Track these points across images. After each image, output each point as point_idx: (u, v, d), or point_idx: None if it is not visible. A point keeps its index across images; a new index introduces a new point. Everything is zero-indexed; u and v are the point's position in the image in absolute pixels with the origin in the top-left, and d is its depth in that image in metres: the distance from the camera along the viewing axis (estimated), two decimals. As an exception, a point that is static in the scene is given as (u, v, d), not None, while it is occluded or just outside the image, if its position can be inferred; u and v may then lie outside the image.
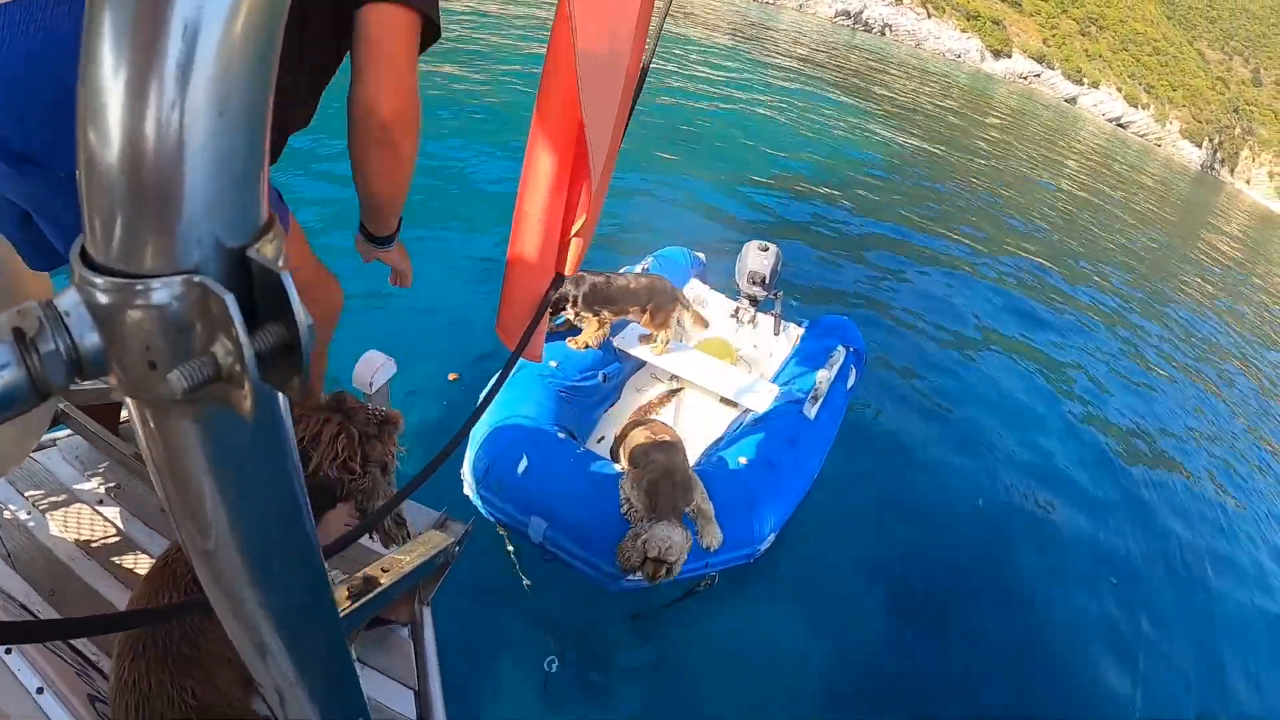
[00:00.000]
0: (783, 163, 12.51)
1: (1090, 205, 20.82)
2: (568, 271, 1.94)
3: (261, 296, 0.39)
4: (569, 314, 4.08)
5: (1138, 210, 24.38)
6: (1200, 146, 60.74)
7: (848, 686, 3.91)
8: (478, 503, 3.32)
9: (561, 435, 3.54)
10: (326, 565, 1.78)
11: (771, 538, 3.56)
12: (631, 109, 1.91)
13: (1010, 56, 57.28)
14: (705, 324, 4.77)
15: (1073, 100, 57.85)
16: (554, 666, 3.32)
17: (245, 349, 0.37)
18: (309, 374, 0.39)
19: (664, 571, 2.91)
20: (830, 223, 10.55)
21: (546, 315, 2.01)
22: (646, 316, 4.25)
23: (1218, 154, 62.13)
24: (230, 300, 0.36)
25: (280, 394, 0.44)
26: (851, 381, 4.62)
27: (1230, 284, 19.87)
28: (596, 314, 4.07)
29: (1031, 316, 10.06)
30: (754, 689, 3.68)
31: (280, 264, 0.39)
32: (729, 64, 20.75)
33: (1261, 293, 20.40)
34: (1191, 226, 29.31)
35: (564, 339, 4.17)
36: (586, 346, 4.12)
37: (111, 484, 2.43)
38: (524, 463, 3.28)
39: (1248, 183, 61.84)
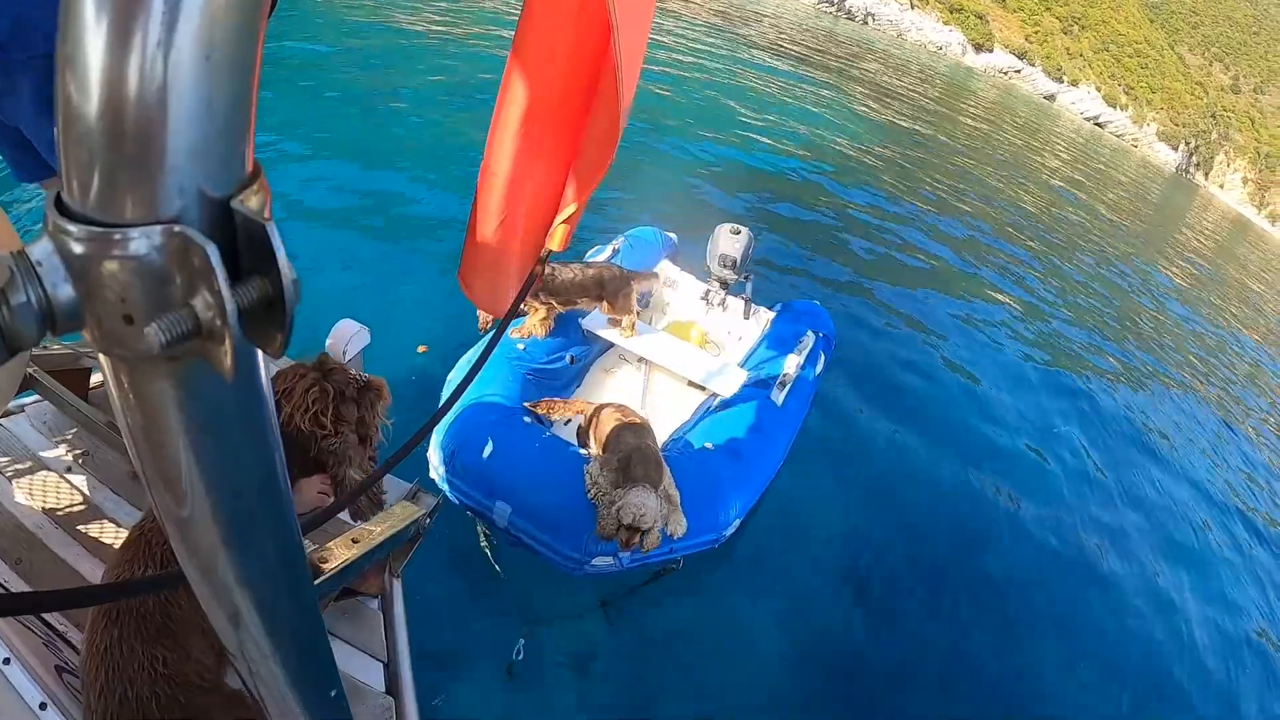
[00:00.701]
0: (759, 145, 12.51)
1: (1065, 199, 21.03)
2: (558, 247, 1.92)
3: (245, 249, 0.37)
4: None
5: (1112, 207, 24.67)
6: (1176, 149, 61.44)
7: (810, 670, 3.96)
8: (444, 487, 3.31)
9: (528, 419, 3.53)
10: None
11: (737, 523, 3.58)
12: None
13: (991, 51, 57.53)
14: (655, 278, 4.77)
15: (1051, 97, 58.23)
16: (521, 654, 3.33)
17: (227, 302, 0.35)
18: (291, 333, 0.38)
19: (638, 539, 2.91)
20: (804, 207, 10.57)
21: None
22: (605, 305, 4.24)
23: (1193, 158, 62.87)
24: (212, 250, 0.35)
25: (260, 354, 0.43)
26: (820, 367, 4.64)
27: (1198, 277, 20.30)
28: (544, 303, 4.05)
29: (1002, 307, 10.17)
30: (718, 674, 3.71)
31: (268, 216, 0.37)
32: (710, 45, 20.66)
33: (1225, 288, 20.87)
34: (1164, 225, 29.75)
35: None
36: (530, 335, 4.10)
37: (80, 451, 2.38)
38: (489, 447, 3.27)
39: (1221, 187, 62.72)
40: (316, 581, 1.74)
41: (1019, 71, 58.21)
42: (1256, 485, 8.73)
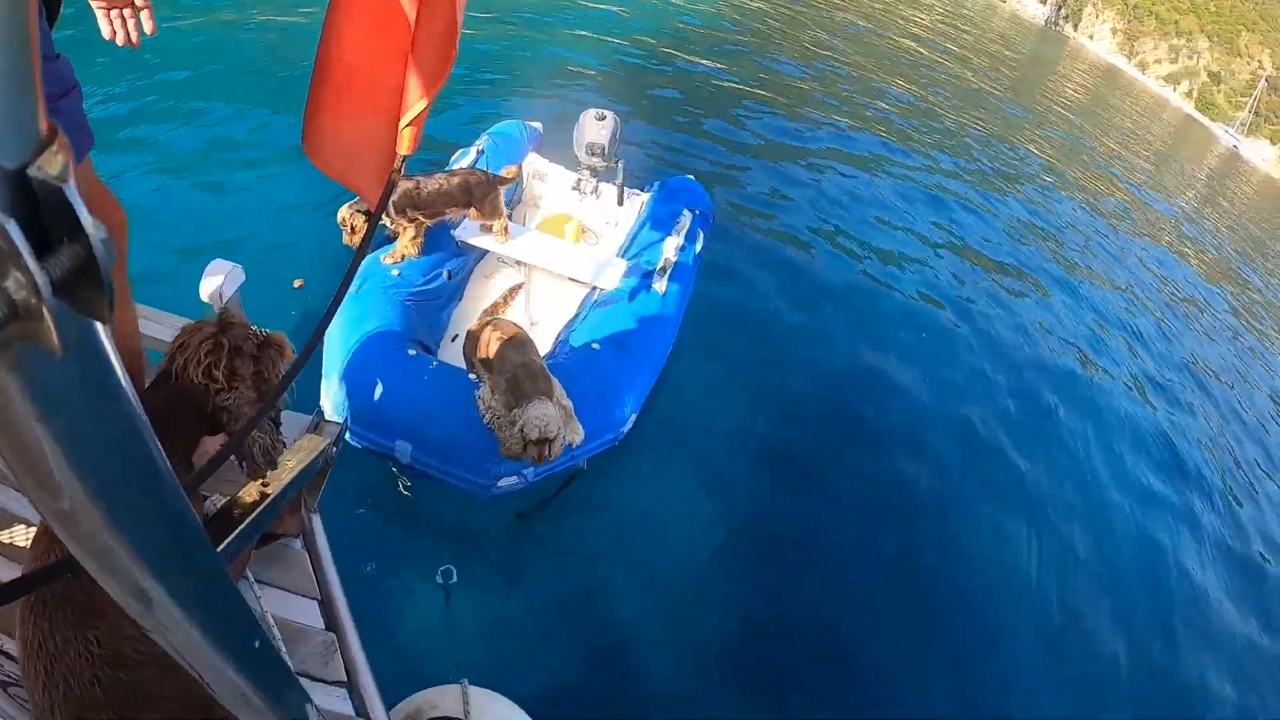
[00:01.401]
0: (613, 21, 12.06)
1: (936, 52, 21.26)
2: (408, 150, 1.88)
3: (50, 217, 0.35)
4: (385, 222, 3.96)
5: (983, 59, 25.08)
6: (1045, 3, 62.53)
7: (726, 543, 4.14)
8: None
9: (413, 351, 3.50)
10: (212, 491, 1.74)
11: (633, 418, 3.67)
12: None
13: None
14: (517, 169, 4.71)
15: (917, -44, 58.04)
16: (452, 578, 3.37)
17: (37, 277, 0.34)
18: (114, 294, 0.37)
19: (549, 450, 2.97)
20: (666, 79, 10.39)
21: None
22: (473, 211, 4.16)
23: (1062, 10, 64.18)
24: (12, 227, 0.33)
25: (96, 323, 0.41)
26: (700, 245, 4.68)
27: (1068, 125, 21.05)
28: (411, 220, 3.95)
29: (879, 160, 10.36)
30: (640, 562, 3.86)
31: (67, 178, 0.35)
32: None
33: (1092, 135, 21.73)
34: (1037, 74, 30.48)
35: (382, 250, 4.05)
36: (404, 257, 4.00)
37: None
38: (379, 386, 3.25)
39: (1091, 38, 64.45)
40: (235, 532, 1.72)
41: (886, -67, 57.59)
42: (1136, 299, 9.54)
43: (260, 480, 1.90)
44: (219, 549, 1.61)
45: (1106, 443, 6.39)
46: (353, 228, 3.85)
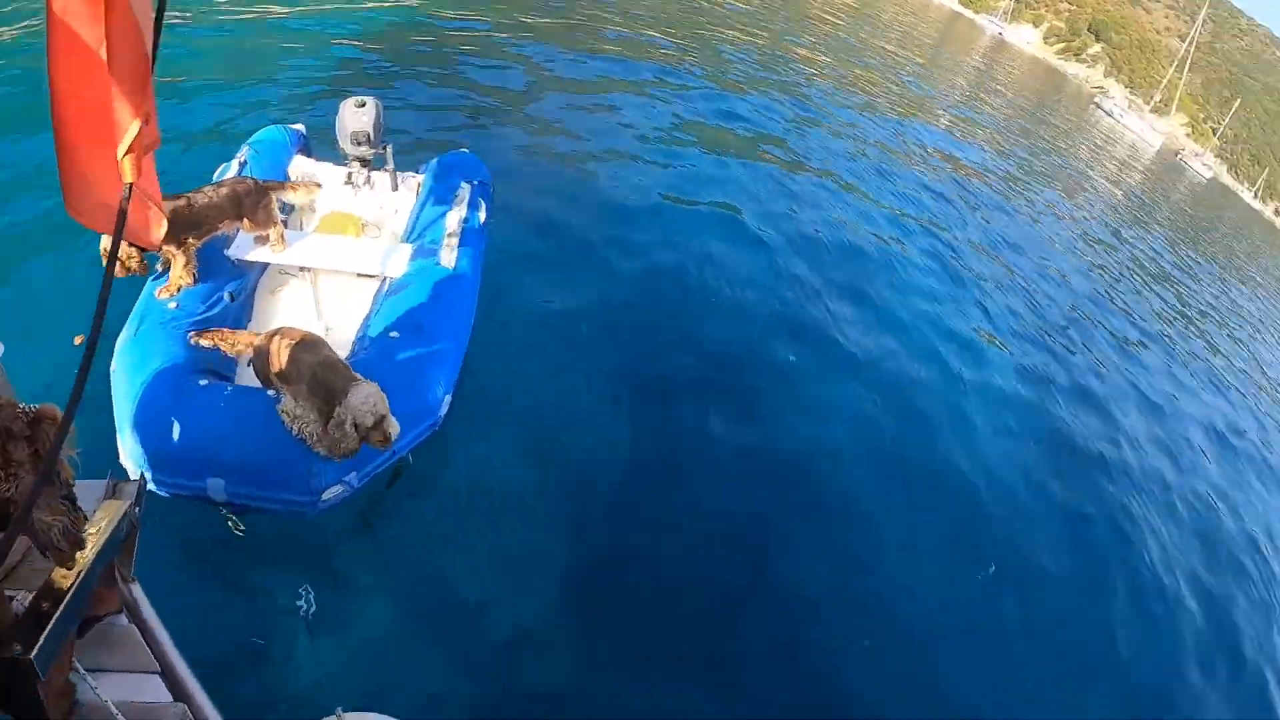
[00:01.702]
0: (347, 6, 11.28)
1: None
2: (130, 178, 1.76)
3: None
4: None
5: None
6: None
7: (570, 505, 4.24)
8: (150, 486, 3.03)
9: (204, 381, 3.29)
10: (17, 589, 1.62)
11: (448, 400, 3.63)
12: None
13: None
14: (317, 186, 4.44)
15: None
16: (311, 606, 3.28)
17: None
18: None
19: (391, 429, 2.93)
20: (418, 52, 9.90)
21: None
22: (245, 223, 3.95)
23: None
24: None
25: None
26: (484, 214, 4.63)
27: (841, 31, 22.05)
28: (181, 244, 3.65)
29: (657, 84, 10.55)
30: (490, 541, 3.90)
31: None
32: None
33: (866, 40, 22.78)
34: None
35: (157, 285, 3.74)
36: (180, 288, 3.71)
37: None
38: (176, 426, 3.06)
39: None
40: (48, 627, 1.62)
41: None
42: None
43: (70, 565, 1.78)
44: (34, 650, 1.53)
45: (924, 308, 7.00)
46: (126, 257, 3.53)
